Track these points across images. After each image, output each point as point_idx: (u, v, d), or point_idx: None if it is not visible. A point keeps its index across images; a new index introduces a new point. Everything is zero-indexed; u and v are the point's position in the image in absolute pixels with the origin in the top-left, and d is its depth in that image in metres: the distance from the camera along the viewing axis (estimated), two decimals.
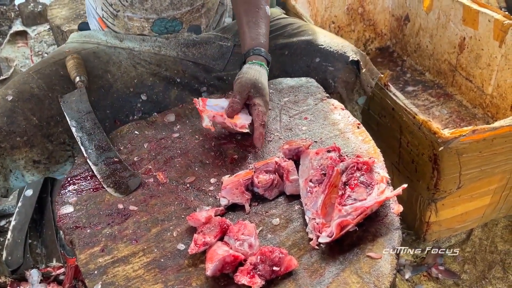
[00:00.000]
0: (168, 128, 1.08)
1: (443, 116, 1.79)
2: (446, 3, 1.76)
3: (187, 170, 0.97)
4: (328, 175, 0.84)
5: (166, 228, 0.84)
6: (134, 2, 1.17)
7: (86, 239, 0.83)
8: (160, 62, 1.24)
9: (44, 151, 1.09)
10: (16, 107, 1.08)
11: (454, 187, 1.23)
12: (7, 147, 1.06)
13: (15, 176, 1.11)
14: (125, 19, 1.21)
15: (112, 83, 1.19)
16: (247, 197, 0.87)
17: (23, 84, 1.12)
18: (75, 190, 0.93)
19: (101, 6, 1.22)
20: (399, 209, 0.83)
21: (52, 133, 1.10)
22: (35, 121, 1.09)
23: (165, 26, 1.22)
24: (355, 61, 1.20)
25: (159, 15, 1.20)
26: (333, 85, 1.20)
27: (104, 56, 1.22)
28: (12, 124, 1.06)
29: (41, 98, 1.10)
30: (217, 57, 1.26)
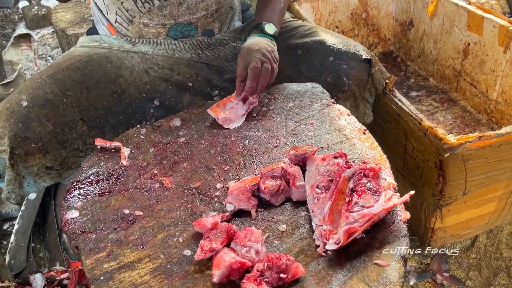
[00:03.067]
0: (174, 133, 1.08)
1: (447, 122, 1.79)
2: (450, 9, 1.76)
3: (193, 175, 0.97)
4: (335, 182, 0.84)
5: (172, 234, 0.84)
6: (152, 8, 1.17)
7: (92, 244, 0.82)
8: (173, 66, 1.24)
9: (57, 157, 1.09)
10: (31, 112, 1.06)
11: (460, 194, 1.22)
12: (21, 153, 1.05)
13: (27, 182, 1.10)
14: (140, 25, 1.21)
15: (124, 88, 1.19)
16: (253, 203, 0.87)
17: (37, 89, 1.11)
18: (81, 195, 0.93)
19: (115, 11, 1.21)
20: (406, 216, 0.83)
21: (67, 140, 1.10)
22: (50, 127, 1.08)
23: (181, 31, 1.23)
24: (367, 59, 1.22)
25: (176, 20, 1.20)
26: (347, 82, 1.21)
27: (117, 61, 1.21)
28: (27, 130, 1.05)
29: (56, 104, 1.10)
30: (231, 58, 1.27)
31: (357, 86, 1.22)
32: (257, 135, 1.06)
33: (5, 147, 1.05)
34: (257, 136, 1.05)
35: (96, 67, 1.18)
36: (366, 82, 1.24)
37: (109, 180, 0.96)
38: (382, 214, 0.80)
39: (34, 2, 3.04)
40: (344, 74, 1.20)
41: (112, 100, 1.16)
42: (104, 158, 1.01)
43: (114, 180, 0.96)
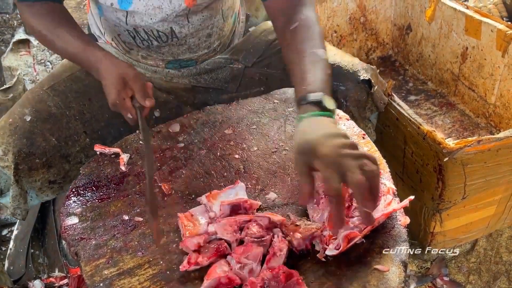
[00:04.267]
0: (173, 139, 1.08)
1: (446, 126, 1.79)
2: (448, 13, 1.76)
3: (192, 181, 0.97)
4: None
5: (172, 240, 0.84)
6: (151, 46, 1.15)
7: (91, 250, 0.82)
8: (170, 90, 1.23)
9: (61, 171, 1.09)
10: (35, 127, 1.06)
11: (459, 198, 1.22)
12: (25, 169, 1.05)
13: (30, 196, 1.10)
14: (138, 56, 1.20)
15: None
16: (237, 238, 0.79)
17: (39, 102, 1.10)
18: (80, 201, 0.92)
19: (111, 37, 1.19)
20: (406, 221, 0.83)
21: (70, 153, 1.09)
22: (54, 141, 1.07)
23: (180, 64, 1.21)
24: (366, 80, 1.17)
25: (175, 58, 1.19)
26: (345, 104, 1.18)
27: None
28: (31, 146, 1.04)
29: (59, 117, 1.09)
30: (229, 80, 1.26)
31: (356, 107, 1.19)
32: (256, 140, 1.06)
33: (8, 163, 1.04)
34: (256, 141, 1.05)
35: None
36: (365, 102, 1.20)
37: (109, 186, 0.96)
38: (382, 219, 0.80)
39: None
40: (341, 95, 1.16)
41: (113, 112, 1.15)
42: (104, 163, 1.01)
43: (114, 186, 0.96)
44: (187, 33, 1.13)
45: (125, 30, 1.12)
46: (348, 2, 2.06)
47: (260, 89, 1.25)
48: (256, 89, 1.25)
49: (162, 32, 1.11)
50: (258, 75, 1.26)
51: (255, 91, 1.25)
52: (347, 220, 0.78)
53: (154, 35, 1.12)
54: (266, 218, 0.81)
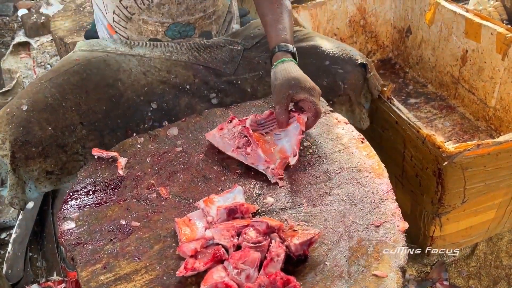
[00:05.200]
0: (171, 142, 1.08)
1: (446, 129, 1.79)
2: (448, 16, 1.76)
3: (190, 185, 0.96)
4: (248, 134, 0.99)
5: (169, 245, 0.83)
6: (151, 5, 1.17)
7: (88, 256, 0.82)
8: (170, 68, 1.23)
9: (58, 161, 1.09)
10: (32, 116, 1.07)
11: (459, 202, 1.22)
12: (22, 157, 1.06)
13: (29, 187, 1.11)
14: (140, 22, 1.21)
15: (122, 92, 1.19)
16: (234, 243, 0.79)
17: (37, 93, 1.11)
18: (77, 205, 0.92)
19: (113, 10, 1.21)
20: (404, 226, 0.82)
21: (67, 143, 1.10)
22: (51, 131, 1.08)
23: (179, 31, 1.23)
24: (363, 63, 1.23)
25: (174, 20, 1.21)
26: (343, 87, 1.22)
27: (114, 64, 1.21)
28: (28, 134, 1.05)
29: (55, 108, 1.10)
30: (228, 61, 1.27)
31: (353, 91, 1.23)
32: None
33: (6, 152, 1.05)
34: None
35: (95, 70, 1.18)
36: (361, 87, 1.25)
37: (106, 190, 0.96)
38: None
39: (33, 10, 3.05)
40: (339, 78, 1.21)
41: (110, 104, 1.17)
42: (101, 168, 1.01)
43: (111, 190, 0.96)
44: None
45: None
46: (348, 5, 2.06)
47: (259, 73, 1.26)
48: (255, 73, 1.26)
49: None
50: (257, 59, 1.27)
51: (254, 75, 1.26)
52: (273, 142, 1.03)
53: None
54: (264, 223, 0.80)
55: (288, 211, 0.89)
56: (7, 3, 3.25)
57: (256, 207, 0.89)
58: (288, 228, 0.82)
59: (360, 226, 0.84)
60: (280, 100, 1.01)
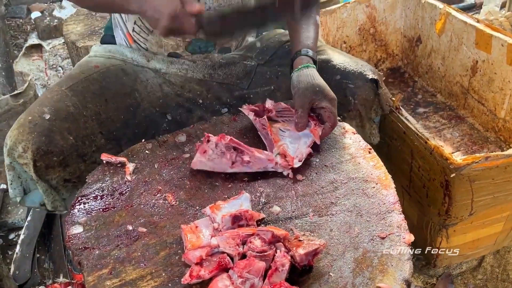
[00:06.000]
0: (179, 149, 1.08)
1: (455, 139, 1.78)
2: (458, 26, 1.75)
3: (196, 192, 0.97)
4: (236, 144, 0.99)
5: (175, 252, 0.84)
6: None
7: (95, 260, 0.83)
8: (184, 84, 1.24)
9: (76, 170, 1.10)
10: (54, 126, 1.07)
11: (466, 214, 1.21)
12: (42, 166, 1.06)
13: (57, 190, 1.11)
14: (161, 36, 1.20)
15: (139, 101, 1.19)
16: (239, 251, 0.79)
17: (58, 101, 1.11)
18: (85, 210, 0.93)
19: (134, 20, 1.21)
20: (410, 238, 0.82)
21: (86, 153, 1.11)
22: (72, 140, 1.09)
23: (199, 47, 1.23)
24: (374, 79, 1.22)
25: (196, 36, 1.19)
26: (353, 102, 1.21)
27: (132, 74, 1.22)
28: (50, 144, 1.06)
29: (76, 117, 1.11)
30: (242, 76, 1.28)
31: (363, 106, 1.22)
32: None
33: (27, 160, 1.05)
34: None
35: (114, 79, 1.19)
36: (372, 102, 1.24)
37: (114, 195, 0.96)
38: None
39: (46, 13, 3.09)
40: (350, 93, 1.20)
41: (128, 113, 1.17)
42: (109, 172, 1.02)
43: (119, 195, 0.97)
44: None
45: None
46: (358, 13, 2.06)
47: (270, 87, 1.27)
48: (267, 87, 1.27)
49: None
50: (269, 73, 1.28)
51: (265, 89, 1.27)
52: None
53: None
54: (269, 232, 0.80)
55: (294, 221, 0.89)
56: (21, 5, 3.30)
57: (262, 216, 0.89)
58: (293, 238, 0.82)
59: (365, 237, 0.84)
60: (303, 104, 1.04)
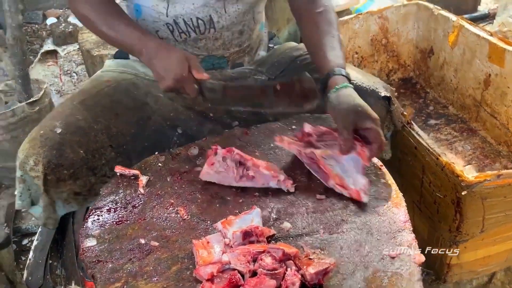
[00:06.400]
0: (191, 162, 1.10)
1: (466, 152, 1.77)
2: (471, 39, 1.75)
3: (208, 206, 0.98)
4: (243, 158, 1.00)
5: (186, 267, 0.85)
6: (188, 39, 1.20)
7: (108, 274, 0.84)
8: (195, 99, 1.25)
9: (86, 183, 1.12)
10: (65, 139, 1.09)
11: (477, 231, 1.21)
12: (53, 179, 1.08)
13: (58, 205, 1.13)
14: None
15: (150, 115, 1.21)
16: (250, 269, 0.80)
17: (70, 115, 1.13)
18: (99, 223, 0.95)
19: None
20: (420, 259, 0.82)
21: (96, 166, 1.12)
22: (82, 154, 1.10)
23: (212, 63, 1.25)
24: (386, 97, 1.22)
25: (209, 53, 1.23)
26: None
27: (143, 88, 1.24)
28: (60, 157, 1.07)
29: (87, 131, 1.12)
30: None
31: None
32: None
33: (39, 173, 1.07)
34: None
35: (124, 93, 1.21)
36: (384, 119, 1.23)
37: (127, 208, 0.98)
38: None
39: (61, 19, 3.14)
40: None
41: (138, 127, 1.19)
42: (123, 185, 1.04)
43: (132, 208, 0.98)
44: (223, 25, 1.19)
45: (164, 24, 1.18)
46: (371, 24, 2.06)
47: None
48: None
49: (201, 20, 1.16)
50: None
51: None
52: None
53: (193, 24, 1.17)
54: (280, 250, 0.81)
55: (304, 238, 0.89)
56: (37, 11, 3.36)
57: (273, 232, 0.90)
58: (304, 256, 0.83)
59: (375, 256, 0.84)
60: (347, 126, 0.98)
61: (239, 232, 0.86)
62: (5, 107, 1.92)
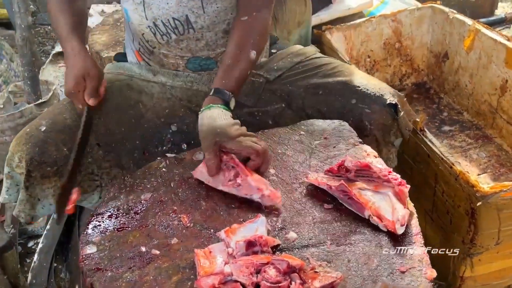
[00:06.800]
0: (195, 166, 1.07)
1: (481, 160, 1.71)
2: (488, 44, 1.70)
3: (212, 214, 0.95)
4: (235, 164, 0.97)
5: (187, 277, 0.82)
6: (170, 41, 1.19)
7: (107, 283, 0.82)
8: (191, 98, 1.25)
9: None
10: (49, 137, 1.11)
11: (492, 243, 1.16)
12: (38, 176, 1.10)
13: (42, 204, 1.14)
14: (160, 55, 1.23)
15: (143, 113, 1.21)
16: (253, 281, 0.77)
17: (57, 114, 1.16)
18: (100, 229, 0.92)
19: (138, 41, 1.25)
20: (432, 274, 0.78)
21: (81, 164, 1.11)
22: (66, 151, 1.11)
23: (199, 64, 1.23)
24: (392, 104, 1.17)
25: (193, 54, 1.21)
26: (369, 127, 1.17)
27: (137, 88, 1.24)
28: (43, 154, 1.09)
29: (73, 129, 1.13)
30: (248, 93, 1.26)
31: (381, 131, 1.17)
32: (280, 173, 1.04)
33: (22, 170, 1.10)
34: (279, 175, 1.03)
35: (117, 93, 1.22)
36: (390, 127, 1.19)
37: (129, 215, 0.96)
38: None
39: None
40: (366, 118, 1.16)
41: (130, 126, 1.19)
42: (126, 191, 1.01)
43: (134, 214, 0.96)
44: (203, 25, 1.16)
45: (147, 27, 1.18)
46: (384, 28, 2.02)
47: (281, 105, 1.25)
48: (277, 105, 1.25)
49: (178, 21, 1.14)
50: (279, 91, 1.26)
51: (276, 107, 1.25)
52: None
53: (171, 25, 1.16)
54: (285, 262, 0.78)
55: (311, 249, 0.86)
56: None
57: (277, 242, 0.87)
58: (309, 268, 0.79)
59: (385, 270, 0.81)
60: (208, 146, 0.98)
61: (242, 242, 0.83)
62: (14, 108, 1.92)
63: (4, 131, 1.77)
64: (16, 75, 2.48)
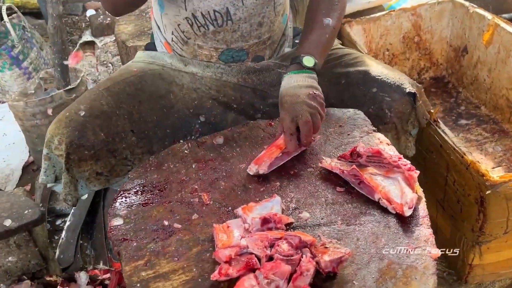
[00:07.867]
0: (216, 150, 1.13)
1: (497, 154, 1.73)
2: (507, 39, 1.71)
3: (230, 193, 1.01)
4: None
5: (206, 249, 0.88)
6: (207, 32, 1.23)
7: (132, 252, 0.89)
8: (220, 88, 1.29)
9: (107, 164, 1.18)
10: (87, 122, 1.16)
11: (501, 232, 1.19)
12: (76, 159, 1.15)
13: (81, 185, 1.20)
14: (195, 46, 1.27)
15: (174, 103, 1.25)
16: (267, 254, 0.82)
17: (94, 100, 1.20)
18: (126, 204, 1.00)
19: (171, 31, 1.28)
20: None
21: (116, 149, 1.18)
22: (103, 136, 1.17)
23: (232, 56, 1.27)
24: (412, 93, 1.22)
25: (228, 46, 1.25)
26: (389, 115, 1.21)
27: (168, 78, 1.29)
28: (82, 138, 1.14)
29: (109, 115, 1.18)
30: (275, 84, 1.30)
31: (399, 119, 1.22)
32: (296, 158, 1.09)
33: (62, 152, 1.15)
34: (294, 160, 1.08)
35: (150, 82, 1.26)
36: (409, 115, 1.23)
37: (153, 192, 1.03)
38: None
39: (100, 11, 3.24)
40: (386, 106, 1.21)
41: (161, 114, 1.24)
42: (151, 170, 1.08)
43: (158, 192, 1.03)
44: (240, 17, 1.20)
45: (184, 18, 1.21)
46: (403, 21, 2.04)
47: None
48: None
49: (218, 13, 1.18)
50: None
51: None
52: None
53: (211, 17, 1.19)
54: (297, 237, 0.83)
55: (322, 228, 0.91)
56: (77, 3, 3.48)
57: (291, 220, 0.92)
58: (320, 244, 0.85)
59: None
60: (290, 121, 1.06)
61: (258, 218, 0.89)
62: (45, 94, 2.01)
63: (35, 115, 1.86)
64: (45, 62, 2.58)
